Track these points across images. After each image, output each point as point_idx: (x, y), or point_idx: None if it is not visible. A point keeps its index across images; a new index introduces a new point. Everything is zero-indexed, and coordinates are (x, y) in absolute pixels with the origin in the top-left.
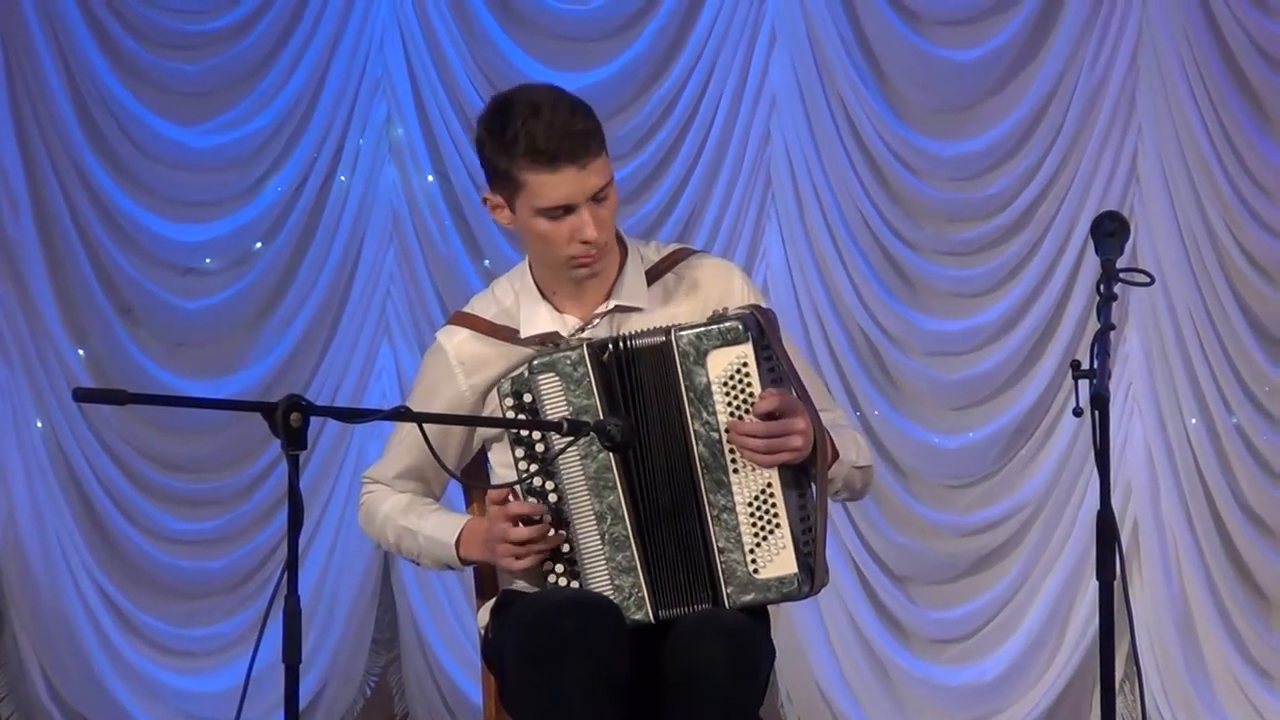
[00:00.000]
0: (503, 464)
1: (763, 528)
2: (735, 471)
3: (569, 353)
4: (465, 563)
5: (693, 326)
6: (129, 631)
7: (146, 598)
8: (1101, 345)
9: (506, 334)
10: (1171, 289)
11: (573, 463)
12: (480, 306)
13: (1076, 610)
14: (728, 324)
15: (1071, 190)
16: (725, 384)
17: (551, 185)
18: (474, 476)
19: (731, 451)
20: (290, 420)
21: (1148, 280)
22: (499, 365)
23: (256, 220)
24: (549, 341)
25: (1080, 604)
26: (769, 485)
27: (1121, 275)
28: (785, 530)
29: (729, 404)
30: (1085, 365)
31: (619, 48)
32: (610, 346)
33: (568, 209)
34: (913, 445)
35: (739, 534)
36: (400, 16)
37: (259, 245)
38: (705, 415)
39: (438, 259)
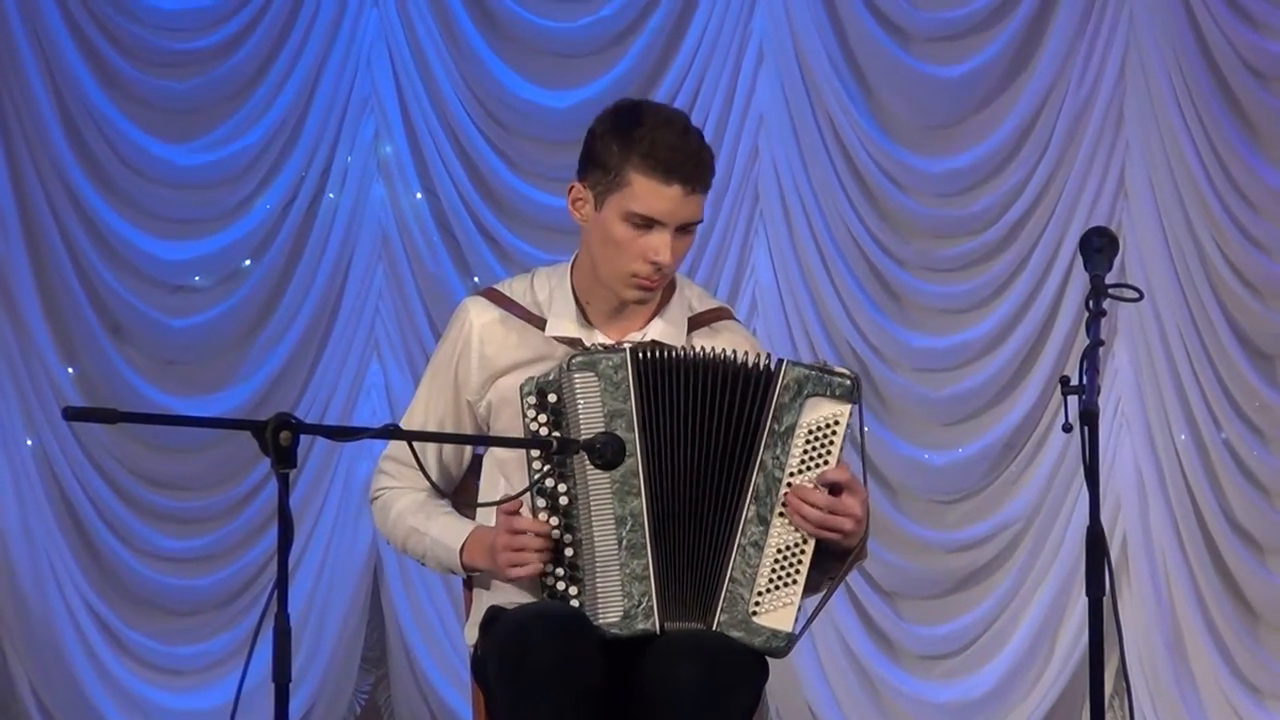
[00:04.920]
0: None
1: (781, 578)
2: (781, 515)
3: (611, 355)
4: (468, 569)
5: (805, 365)
6: (118, 649)
7: (136, 615)
8: (1091, 361)
9: (538, 323)
10: (1160, 304)
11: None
12: (517, 292)
13: (1066, 626)
14: (840, 378)
15: (1059, 206)
16: (812, 433)
17: (656, 195)
18: (470, 469)
19: (786, 498)
20: (280, 438)
21: (1137, 296)
22: (519, 353)
23: (245, 238)
24: (575, 345)
25: (1069, 619)
26: (805, 543)
27: (1110, 291)
28: (799, 590)
29: (805, 454)
30: (1074, 381)
31: (606, 65)
32: (698, 349)
33: (654, 224)
34: (901, 461)
35: (755, 573)
36: (388, 34)
37: (248, 263)
38: (778, 452)
39: (426, 276)
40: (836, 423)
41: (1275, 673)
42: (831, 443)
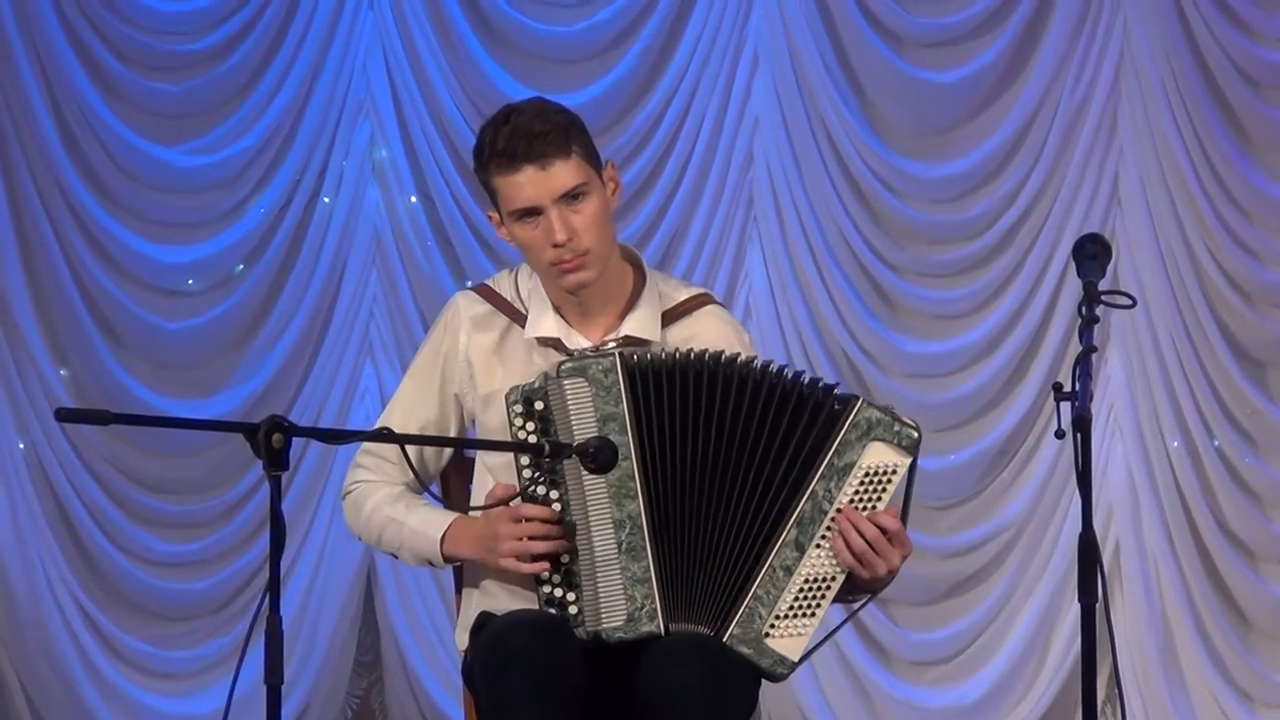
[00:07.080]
0: (489, 464)
1: (802, 607)
2: (818, 547)
3: (600, 359)
4: (448, 559)
5: (878, 407)
6: (111, 653)
7: (129, 619)
8: (1083, 367)
9: (522, 321)
10: (1153, 311)
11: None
12: (504, 287)
13: (1058, 632)
14: (908, 428)
15: (1053, 212)
16: (868, 476)
17: (515, 186)
18: (459, 472)
19: (828, 530)
20: (272, 441)
21: (1129, 303)
22: (503, 355)
23: (240, 242)
24: (555, 345)
25: (1062, 626)
26: (833, 579)
27: (1103, 297)
28: (816, 622)
29: (857, 493)
30: (1067, 387)
31: (602, 69)
32: (690, 350)
33: (536, 211)
34: None
35: (779, 596)
36: (384, 38)
37: (242, 267)
38: (831, 486)
39: (421, 280)
40: (894, 471)
41: (1267, 680)
42: (885, 490)
